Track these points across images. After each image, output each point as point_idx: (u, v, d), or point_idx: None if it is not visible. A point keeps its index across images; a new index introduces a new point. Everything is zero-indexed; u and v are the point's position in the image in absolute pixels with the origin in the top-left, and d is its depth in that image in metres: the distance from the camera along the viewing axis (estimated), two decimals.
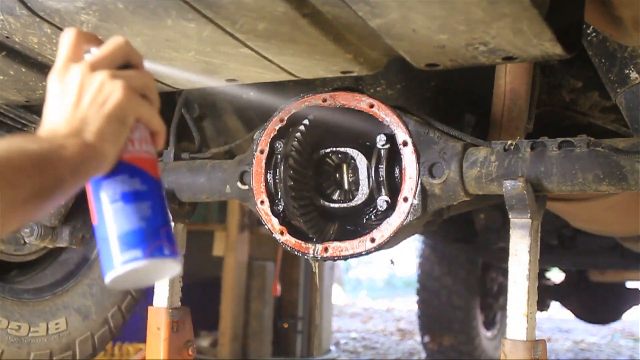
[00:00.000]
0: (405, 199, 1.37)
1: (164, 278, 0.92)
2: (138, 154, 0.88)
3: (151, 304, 1.61)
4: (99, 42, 0.89)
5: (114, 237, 0.84)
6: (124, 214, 0.85)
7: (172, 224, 0.85)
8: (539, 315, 4.24)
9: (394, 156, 1.42)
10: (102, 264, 0.86)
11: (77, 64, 0.85)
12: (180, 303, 1.63)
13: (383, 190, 1.42)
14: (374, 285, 13.19)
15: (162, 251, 0.85)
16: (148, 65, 0.93)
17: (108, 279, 0.84)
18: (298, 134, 1.45)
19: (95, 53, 0.87)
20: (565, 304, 5.05)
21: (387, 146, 1.41)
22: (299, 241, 1.46)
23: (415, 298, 4.48)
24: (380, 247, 1.40)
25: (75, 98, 0.83)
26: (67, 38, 0.87)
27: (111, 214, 0.85)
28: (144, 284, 0.93)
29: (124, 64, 0.88)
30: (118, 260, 0.84)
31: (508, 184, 1.27)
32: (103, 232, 0.85)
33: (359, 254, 1.42)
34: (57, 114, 0.83)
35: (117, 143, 0.84)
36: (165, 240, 0.86)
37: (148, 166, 0.89)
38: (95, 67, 0.85)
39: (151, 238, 0.85)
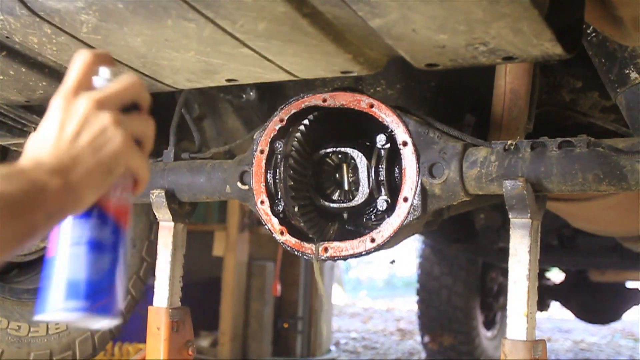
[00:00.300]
0: (405, 199, 1.37)
1: (96, 328, 0.90)
2: (117, 202, 0.85)
3: (151, 304, 1.61)
4: (111, 62, 0.88)
5: (64, 279, 0.81)
6: (83, 261, 0.82)
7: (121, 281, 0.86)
8: (539, 315, 4.24)
9: (394, 156, 1.42)
10: (44, 297, 0.82)
11: (85, 95, 0.83)
12: (180, 303, 1.63)
13: (383, 190, 1.42)
14: (374, 285, 13.20)
15: (106, 310, 0.83)
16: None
17: (42, 316, 0.81)
18: (298, 134, 1.45)
19: (106, 85, 0.85)
20: (565, 304, 5.05)
21: (387, 146, 1.41)
22: (299, 241, 1.46)
23: (415, 298, 4.49)
24: (380, 247, 1.40)
25: (74, 133, 0.81)
26: (80, 61, 0.85)
27: (72, 255, 0.82)
28: (72, 325, 0.87)
29: (131, 103, 0.87)
30: (59, 305, 0.81)
31: (508, 184, 1.27)
32: (56, 270, 0.82)
33: (359, 254, 1.42)
34: (50, 142, 0.81)
35: (99, 190, 0.82)
36: (114, 299, 0.84)
37: (122, 217, 0.86)
38: (102, 104, 0.82)
39: (100, 295, 0.82)
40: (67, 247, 0.83)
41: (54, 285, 0.81)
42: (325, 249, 1.44)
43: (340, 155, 1.49)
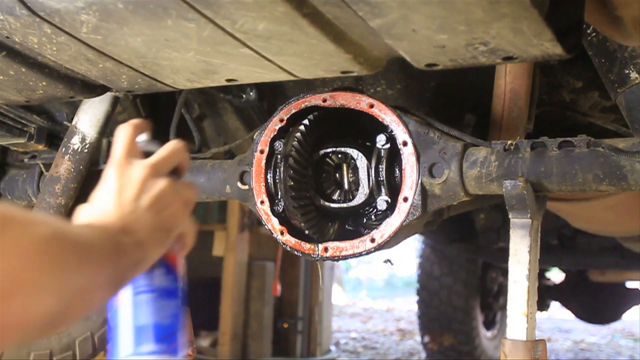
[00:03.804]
0: (405, 199, 1.37)
1: None
2: (174, 253, 0.91)
3: None
4: (148, 129, 0.96)
5: (134, 326, 0.85)
6: (152, 308, 0.86)
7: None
8: (539, 315, 4.24)
9: (394, 156, 1.42)
10: (116, 342, 0.86)
11: (138, 162, 0.89)
12: None
13: (383, 190, 1.42)
14: (374, 285, 13.20)
15: (174, 352, 0.87)
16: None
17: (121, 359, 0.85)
18: (298, 134, 1.45)
19: (149, 147, 0.93)
20: (565, 304, 5.06)
21: (387, 146, 1.41)
22: (299, 241, 1.46)
23: (415, 298, 4.49)
24: (380, 247, 1.40)
25: (133, 197, 0.85)
26: (123, 132, 0.92)
27: (139, 302, 0.86)
28: None
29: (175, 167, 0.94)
30: (135, 349, 0.85)
31: (508, 184, 1.27)
32: (127, 316, 0.86)
33: (359, 254, 1.42)
34: (111, 207, 0.85)
35: (161, 250, 0.87)
36: (180, 341, 0.88)
37: (179, 267, 0.92)
38: (157, 171, 0.89)
39: (171, 338, 0.87)
40: (134, 295, 0.86)
41: (126, 332, 0.85)
42: (325, 249, 1.44)
43: (340, 155, 1.49)
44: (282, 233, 1.46)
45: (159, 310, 0.86)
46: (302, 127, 1.46)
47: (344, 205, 1.47)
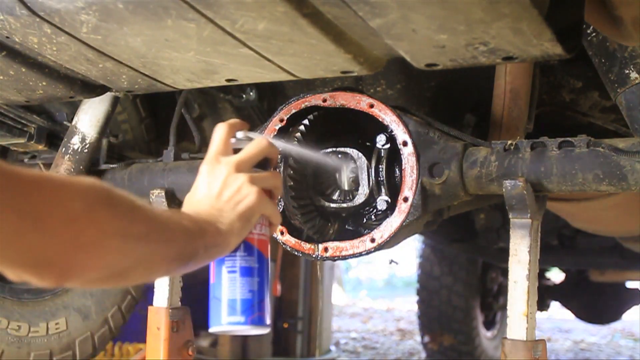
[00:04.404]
0: (405, 199, 1.37)
1: (254, 334, 1.10)
2: (258, 236, 1.06)
3: (151, 304, 1.61)
4: (246, 127, 1.11)
5: (226, 300, 1.04)
6: (238, 284, 1.04)
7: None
8: (539, 315, 4.24)
9: (394, 156, 1.42)
10: (209, 315, 1.05)
11: (225, 160, 1.05)
12: (180, 303, 1.63)
13: (383, 190, 1.42)
14: (374, 285, 13.20)
15: (259, 321, 1.04)
16: None
17: (212, 330, 1.05)
18: (298, 134, 1.45)
19: (243, 145, 1.07)
20: (565, 304, 5.05)
21: (387, 146, 1.41)
22: (299, 241, 1.46)
23: (415, 298, 4.48)
24: (380, 247, 1.40)
25: (218, 192, 1.02)
26: (219, 133, 1.08)
27: (227, 280, 1.04)
28: (236, 334, 1.12)
29: (263, 159, 1.08)
30: (225, 320, 1.04)
31: (508, 184, 1.27)
32: (217, 292, 1.05)
33: (359, 254, 1.42)
34: (202, 199, 1.02)
35: (240, 236, 1.02)
36: (264, 312, 1.05)
37: (263, 248, 1.07)
38: (239, 168, 1.04)
39: (253, 309, 1.04)
40: (224, 274, 1.04)
41: (218, 305, 1.05)
42: (325, 249, 1.44)
43: (340, 155, 1.49)
44: (282, 233, 1.46)
45: (242, 286, 1.03)
46: (302, 127, 1.46)
47: (344, 205, 1.47)
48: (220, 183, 1.02)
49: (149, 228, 0.86)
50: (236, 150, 1.08)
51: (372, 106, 1.42)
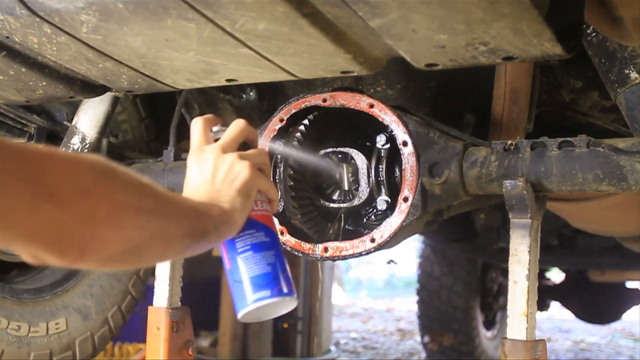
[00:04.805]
0: (405, 199, 1.37)
1: (283, 312, 1.07)
2: (261, 212, 1.06)
3: (151, 304, 1.61)
4: (219, 122, 1.11)
5: (247, 279, 1.02)
6: (254, 261, 1.03)
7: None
8: (539, 315, 4.24)
9: (394, 156, 1.42)
10: (235, 302, 1.04)
11: (209, 146, 1.05)
12: (180, 303, 1.63)
13: (383, 190, 1.42)
14: (374, 285, 13.19)
15: (285, 291, 1.03)
16: None
17: (241, 314, 1.02)
18: (298, 134, 1.45)
19: (221, 132, 1.08)
20: (565, 304, 5.05)
21: (387, 146, 1.41)
22: (299, 241, 1.46)
23: (415, 298, 4.48)
24: (380, 247, 1.40)
25: (211, 176, 1.02)
26: (196, 126, 1.08)
27: (243, 260, 1.03)
28: (266, 317, 1.07)
29: (244, 142, 1.08)
30: (251, 298, 1.02)
31: (508, 184, 1.27)
32: (237, 275, 1.03)
33: (359, 254, 1.42)
34: (197, 188, 1.02)
35: (244, 212, 1.02)
36: (287, 282, 1.04)
37: (269, 222, 1.07)
38: (225, 149, 1.05)
39: (276, 280, 1.03)
40: (239, 255, 1.03)
41: (241, 287, 1.03)
42: (325, 249, 1.44)
43: (340, 155, 1.49)
44: (282, 233, 1.46)
45: (258, 262, 1.02)
46: (302, 127, 1.46)
47: (344, 205, 1.47)
48: (211, 167, 1.03)
49: (157, 202, 0.86)
50: (217, 141, 1.09)
51: (372, 106, 1.42)
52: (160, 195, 0.87)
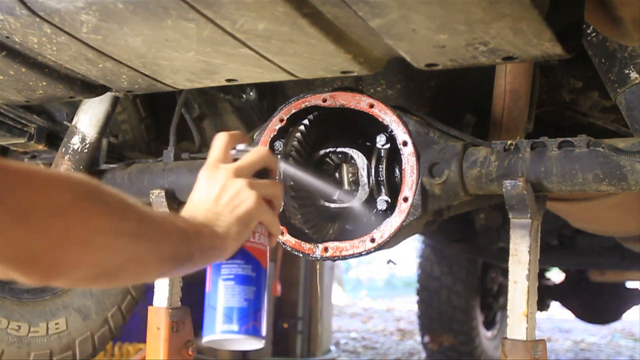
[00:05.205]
0: (405, 199, 1.37)
1: (248, 348, 1.06)
2: (257, 245, 1.04)
3: (151, 304, 1.61)
4: (248, 141, 1.09)
5: (221, 308, 1.01)
6: (234, 292, 1.01)
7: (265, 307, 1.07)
8: (539, 315, 4.24)
9: (394, 156, 1.42)
10: (204, 325, 1.03)
11: (224, 166, 1.04)
12: (180, 303, 1.63)
13: (383, 190, 1.42)
14: (374, 285, 13.19)
15: (253, 331, 1.02)
16: None
17: (206, 339, 1.02)
18: (298, 134, 1.45)
19: (243, 153, 1.06)
20: (565, 304, 5.05)
21: (387, 146, 1.41)
22: (299, 241, 1.46)
23: (415, 298, 4.48)
24: (380, 247, 1.40)
25: (216, 196, 1.00)
26: (219, 141, 1.07)
27: (223, 288, 1.02)
28: (231, 348, 1.07)
29: (262, 169, 1.06)
30: (219, 329, 1.01)
31: (508, 184, 1.27)
32: (213, 301, 1.02)
33: (359, 254, 1.42)
34: (200, 203, 1.01)
35: (238, 241, 1.00)
36: (259, 322, 1.02)
37: (261, 257, 1.04)
38: (238, 173, 1.02)
39: (248, 318, 1.01)
40: (220, 282, 1.02)
41: (213, 313, 1.02)
42: (325, 249, 1.44)
43: (340, 155, 1.49)
44: (282, 233, 1.46)
45: (237, 295, 1.01)
46: (302, 127, 1.46)
47: (344, 205, 1.47)
48: (219, 187, 1.01)
49: (140, 226, 0.84)
50: (235, 160, 1.07)
51: (372, 106, 1.42)
52: (144, 218, 0.86)
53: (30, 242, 0.72)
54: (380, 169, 1.42)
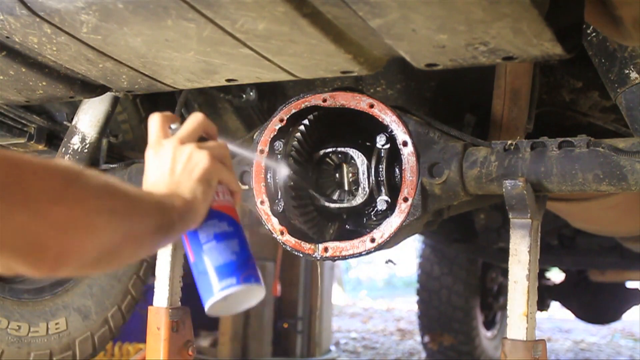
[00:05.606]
0: (405, 199, 1.37)
1: (252, 303, 1.04)
2: (223, 203, 1.04)
3: (151, 304, 1.61)
4: (178, 120, 1.08)
5: (212, 269, 1.00)
6: (218, 251, 1.01)
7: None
8: (539, 315, 4.24)
9: (394, 156, 1.42)
10: (201, 295, 1.01)
11: (167, 140, 1.03)
12: (180, 303, 1.63)
13: (383, 190, 1.42)
14: (374, 285, 13.19)
15: (251, 279, 1.00)
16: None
17: (208, 305, 0.99)
18: (298, 134, 1.45)
19: (179, 129, 1.05)
20: (565, 304, 5.05)
21: (387, 146, 1.41)
22: (299, 241, 1.46)
23: (415, 298, 4.48)
24: (380, 247, 1.40)
25: (170, 168, 1.00)
26: (154, 121, 1.06)
27: (207, 251, 1.01)
28: (235, 310, 1.05)
29: (203, 135, 1.07)
30: (216, 288, 0.99)
31: (508, 184, 1.27)
32: (201, 267, 1.01)
33: (359, 254, 1.42)
34: (157, 181, 1.01)
35: (206, 200, 1.00)
36: (252, 270, 1.01)
37: (232, 212, 1.05)
38: (183, 141, 1.03)
39: (242, 268, 1.00)
40: (202, 247, 1.01)
41: (206, 278, 1.00)
42: (325, 249, 1.44)
43: (340, 155, 1.49)
44: (282, 233, 1.46)
45: (223, 252, 1.00)
46: (302, 127, 1.46)
47: (344, 205, 1.47)
48: (170, 159, 1.01)
49: (128, 202, 0.85)
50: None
51: (372, 106, 1.42)
52: (129, 195, 0.87)
53: (35, 230, 0.71)
54: (380, 169, 1.42)
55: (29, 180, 0.71)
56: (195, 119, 1.07)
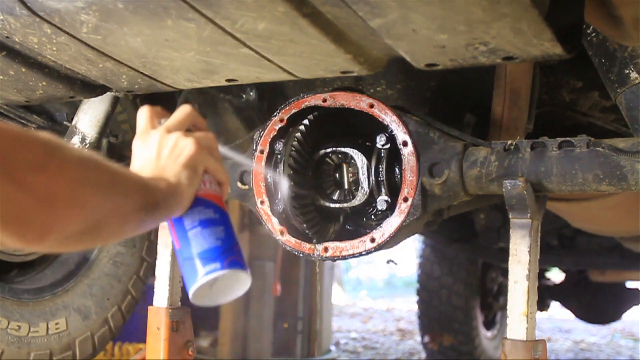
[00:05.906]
0: (405, 199, 1.37)
1: (238, 293, 1.03)
2: (209, 191, 1.04)
3: (151, 304, 1.61)
4: (166, 114, 1.08)
5: (196, 255, 0.99)
6: (203, 236, 1.00)
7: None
8: (539, 315, 4.24)
9: (394, 156, 1.42)
10: (185, 282, 1.00)
11: (155, 130, 1.04)
12: (180, 303, 1.63)
13: (383, 190, 1.42)
14: (374, 285, 13.19)
15: (236, 264, 0.99)
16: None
17: (192, 290, 0.98)
18: (298, 134, 1.45)
19: (167, 121, 1.05)
20: (565, 304, 5.05)
21: (387, 146, 1.41)
22: (299, 241, 1.46)
23: (415, 298, 4.48)
24: (380, 247, 1.40)
25: (156, 154, 1.01)
26: (143, 113, 1.07)
27: (192, 237, 1.00)
28: (220, 299, 1.03)
29: (190, 127, 1.07)
30: (201, 273, 0.97)
31: (508, 184, 1.27)
32: (186, 252, 1.00)
33: (359, 254, 1.42)
34: (142, 166, 1.01)
35: (191, 186, 1.00)
36: (238, 256, 1.01)
37: (218, 200, 1.05)
38: (169, 130, 1.03)
39: (226, 253, 0.99)
40: (187, 233, 1.01)
41: (191, 263, 0.99)
42: (325, 249, 1.44)
43: (340, 155, 1.49)
44: (282, 233, 1.46)
45: (207, 237, 0.99)
46: (302, 127, 1.46)
47: (344, 205, 1.47)
48: (156, 147, 1.01)
49: (112, 177, 0.85)
50: None
51: (372, 106, 1.42)
52: (113, 170, 0.86)
53: (19, 201, 0.71)
54: (380, 169, 1.42)
55: (11, 148, 0.71)
56: (184, 110, 1.07)
